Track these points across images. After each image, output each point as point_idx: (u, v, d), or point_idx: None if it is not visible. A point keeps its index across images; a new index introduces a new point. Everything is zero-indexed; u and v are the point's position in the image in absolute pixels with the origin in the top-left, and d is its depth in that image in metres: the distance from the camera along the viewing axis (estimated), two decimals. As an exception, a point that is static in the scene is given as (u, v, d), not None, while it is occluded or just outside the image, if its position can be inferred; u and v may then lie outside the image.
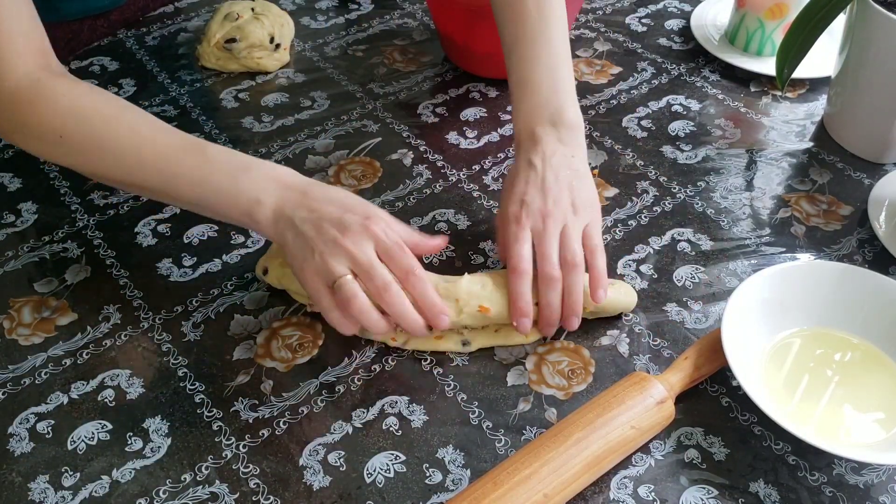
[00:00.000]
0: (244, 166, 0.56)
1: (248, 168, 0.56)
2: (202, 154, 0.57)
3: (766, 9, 0.85)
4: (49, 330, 0.61)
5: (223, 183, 0.56)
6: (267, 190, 0.55)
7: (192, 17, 0.97)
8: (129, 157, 0.57)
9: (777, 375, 0.56)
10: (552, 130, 0.62)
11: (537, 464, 0.48)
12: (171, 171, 0.57)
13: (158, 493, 0.51)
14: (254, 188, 0.56)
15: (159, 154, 0.57)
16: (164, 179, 0.57)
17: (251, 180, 0.56)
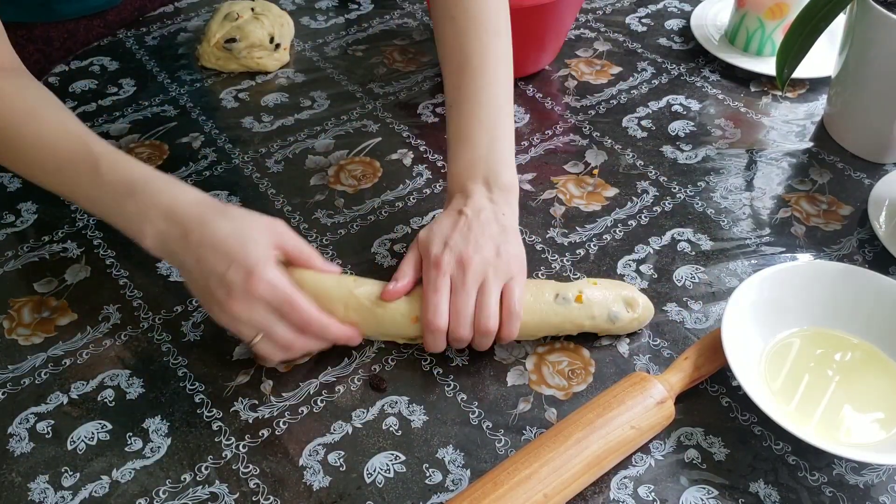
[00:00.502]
0: (129, 190, 0.54)
1: (133, 192, 0.54)
2: (95, 171, 0.55)
3: (766, 9, 0.85)
4: (49, 330, 0.61)
5: (111, 206, 0.55)
6: (150, 220, 0.53)
7: (191, 17, 0.97)
8: (33, 162, 0.57)
9: (777, 375, 0.56)
10: (484, 189, 0.60)
11: (537, 464, 0.48)
12: (67, 185, 0.56)
13: (158, 493, 0.51)
14: (137, 217, 0.54)
15: (58, 165, 0.56)
16: (64, 191, 0.58)
17: (135, 206, 0.54)
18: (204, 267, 0.52)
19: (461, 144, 0.62)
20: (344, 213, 0.71)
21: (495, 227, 0.58)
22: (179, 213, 0.53)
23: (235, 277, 0.51)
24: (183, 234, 0.53)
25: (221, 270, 0.51)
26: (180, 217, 0.53)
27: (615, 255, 0.66)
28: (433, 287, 0.56)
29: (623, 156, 0.76)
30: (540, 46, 0.83)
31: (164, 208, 0.53)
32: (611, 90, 0.85)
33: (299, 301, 0.53)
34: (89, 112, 0.82)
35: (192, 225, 0.53)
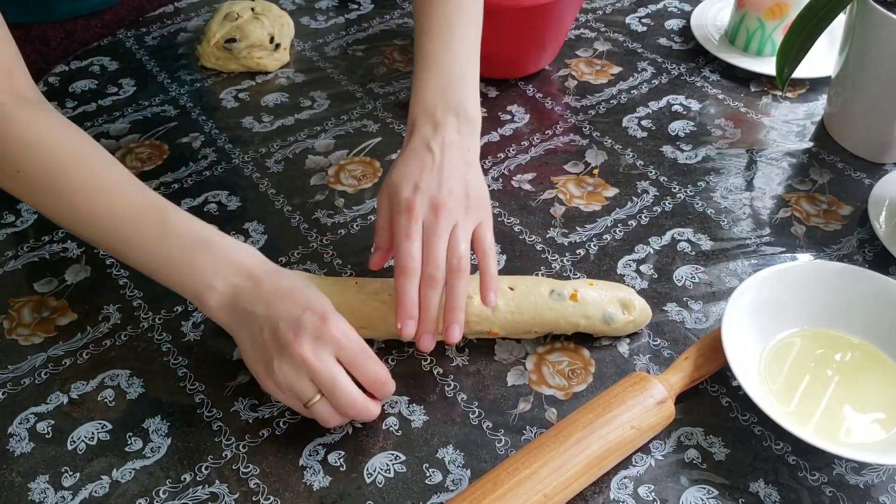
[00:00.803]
0: (204, 244, 0.52)
1: (208, 247, 0.52)
2: (163, 223, 0.52)
3: (766, 9, 0.85)
4: (49, 330, 0.61)
5: (178, 259, 0.52)
6: (222, 275, 0.52)
7: (191, 17, 0.97)
8: (83, 209, 0.52)
9: (777, 375, 0.56)
10: (454, 120, 0.59)
11: (537, 464, 0.48)
12: (125, 236, 0.53)
13: (158, 493, 0.51)
14: (209, 271, 0.52)
15: (116, 213, 0.52)
16: (116, 241, 0.53)
17: (208, 261, 0.52)
18: (275, 312, 0.50)
19: (432, 70, 0.61)
20: (344, 213, 0.71)
21: (462, 165, 0.58)
22: (252, 271, 0.52)
23: (311, 318, 0.49)
24: (256, 286, 0.51)
25: (297, 314, 0.50)
26: (255, 270, 0.52)
27: (615, 255, 0.66)
28: (405, 234, 0.54)
29: (623, 156, 0.76)
30: (540, 46, 0.83)
31: (240, 262, 0.52)
32: (611, 90, 0.85)
33: (371, 353, 0.51)
34: (89, 112, 0.82)
35: (263, 276, 0.52)
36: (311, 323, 0.49)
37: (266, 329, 0.50)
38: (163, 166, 0.76)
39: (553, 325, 0.58)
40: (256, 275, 0.52)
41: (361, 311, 0.57)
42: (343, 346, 0.50)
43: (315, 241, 0.68)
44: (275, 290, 0.51)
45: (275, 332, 0.50)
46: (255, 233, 0.69)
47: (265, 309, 0.50)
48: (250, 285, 0.52)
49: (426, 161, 0.57)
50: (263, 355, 0.50)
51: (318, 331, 0.49)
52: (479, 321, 0.57)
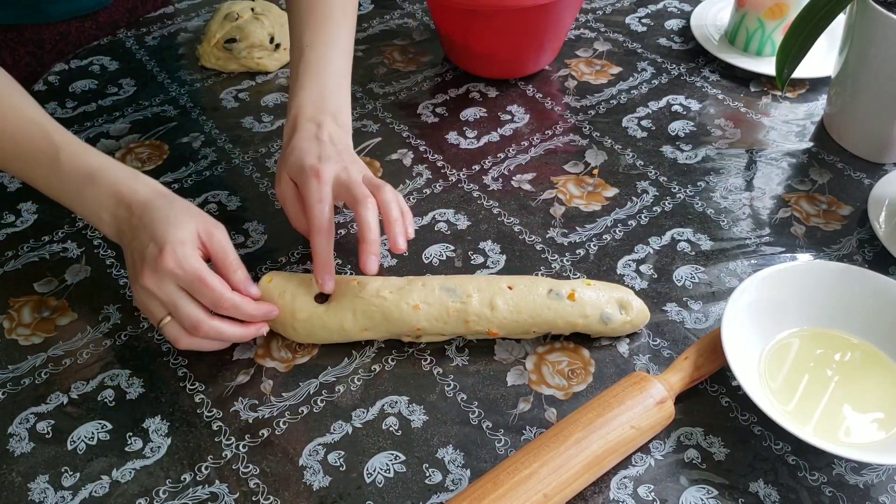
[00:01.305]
0: (89, 178, 0.57)
1: (93, 180, 0.56)
2: (55, 160, 0.57)
3: (766, 9, 0.85)
4: (49, 330, 0.61)
5: (71, 194, 0.57)
6: (106, 207, 0.56)
7: (192, 17, 0.97)
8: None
9: (777, 375, 0.56)
10: (333, 124, 0.63)
11: (537, 464, 0.48)
12: (28, 174, 0.59)
13: (158, 493, 0.51)
14: (95, 205, 0.57)
15: (18, 154, 0.58)
16: (23, 176, 0.60)
17: (93, 193, 0.56)
18: (134, 244, 0.55)
19: (312, 78, 0.65)
20: (344, 213, 0.71)
21: (353, 155, 0.63)
22: (132, 199, 0.56)
23: (151, 251, 0.54)
24: (129, 216, 0.56)
25: (144, 245, 0.54)
26: (131, 202, 0.56)
27: (615, 255, 0.66)
28: (317, 198, 0.58)
29: (623, 156, 0.77)
30: (540, 46, 0.83)
31: (119, 195, 0.56)
32: (611, 90, 0.85)
33: (209, 278, 0.54)
34: (89, 112, 0.82)
35: (138, 208, 0.56)
36: (151, 254, 0.54)
37: (129, 257, 0.56)
38: (163, 166, 0.76)
39: (551, 325, 0.58)
40: (131, 206, 0.56)
41: (364, 312, 0.57)
42: (177, 275, 0.53)
43: (315, 241, 0.68)
44: (140, 222, 0.55)
45: (132, 261, 0.56)
46: (255, 233, 0.69)
47: (130, 239, 0.56)
48: (127, 216, 0.56)
49: (322, 143, 0.61)
50: (130, 279, 0.57)
51: (155, 262, 0.53)
52: (479, 321, 0.57)
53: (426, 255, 0.67)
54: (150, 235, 0.54)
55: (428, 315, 0.57)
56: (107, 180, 0.57)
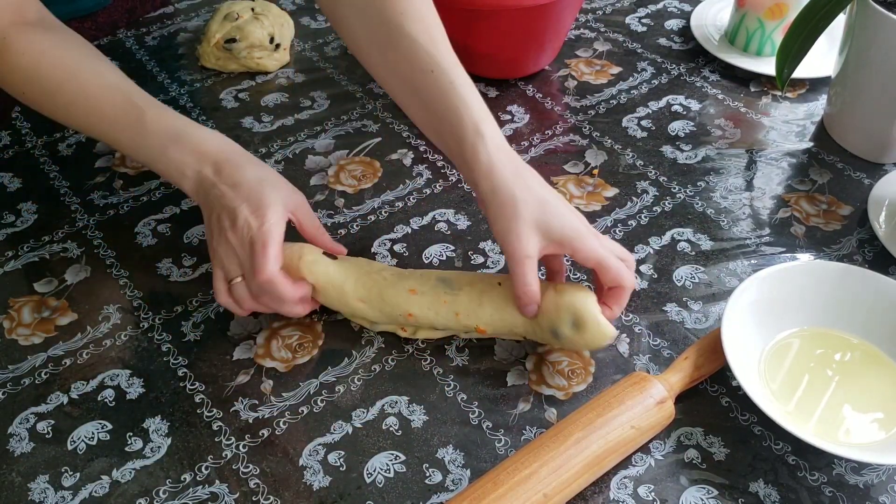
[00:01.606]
0: (175, 136, 0.59)
1: (178, 139, 0.59)
2: (139, 121, 0.59)
3: (766, 9, 0.85)
4: (49, 330, 0.61)
5: (155, 153, 0.59)
6: (190, 164, 0.58)
7: (192, 17, 0.97)
8: (80, 117, 0.61)
9: (777, 375, 0.56)
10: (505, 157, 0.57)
11: (537, 464, 0.48)
12: (113, 135, 0.61)
13: (158, 493, 0.51)
14: (179, 162, 0.58)
15: (103, 117, 0.60)
16: (108, 139, 0.62)
17: (178, 152, 0.58)
18: (222, 201, 0.57)
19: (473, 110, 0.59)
20: (344, 213, 0.71)
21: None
22: (218, 157, 0.58)
23: (244, 213, 0.55)
24: (216, 172, 0.58)
25: (235, 205, 0.56)
26: (218, 158, 0.58)
27: (615, 255, 0.66)
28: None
29: (623, 156, 0.77)
30: (540, 46, 0.83)
31: (205, 152, 0.58)
32: (611, 90, 0.85)
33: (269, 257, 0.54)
34: (89, 112, 0.82)
35: (225, 165, 0.58)
36: (244, 216, 0.55)
37: (215, 214, 0.57)
38: (163, 166, 0.76)
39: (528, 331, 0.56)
40: (219, 164, 0.58)
41: (364, 283, 0.58)
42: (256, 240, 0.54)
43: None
44: (229, 181, 0.57)
45: (219, 218, 0.56)
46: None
47: (218, 197, 0.57)
48: (212, 173, 0.58)
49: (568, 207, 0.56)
50: (212, 234, 0.58)
51: (246, 224, 0.55)
52: (468, 315, 0.56)
53: (426, 255, 0.67)
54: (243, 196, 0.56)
55: (420, 302, 0.57)
56: (192, 139, 0.59)
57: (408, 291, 0.57)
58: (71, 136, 0.80)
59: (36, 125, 0.81)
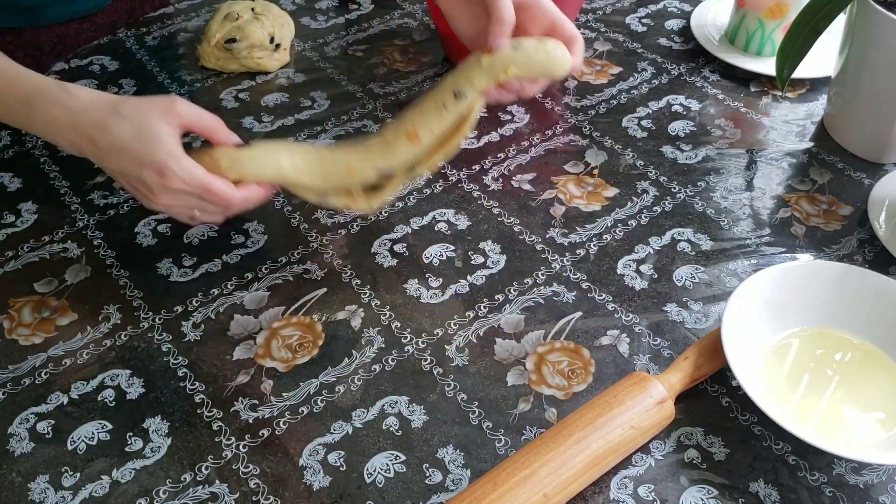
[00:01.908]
0: (28, 105, 0.57)
1: (32, 107, 0.57)
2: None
3: (766, 9, 0.85)
4: (49, 330, 0.61)
5: (22, 120, 0.58)
6: (56, 133, 0.57)
7: (192, 17, 0.97)
8: None
9: (777, 375, 0.56)
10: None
11: (537, 464, 0.48)
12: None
13: (158, 493, 0.51)
14: (46, 130, 0.58)
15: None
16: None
17: (40, 119, 0.57)
18: (120, 169, 0.57)
19: None
20: (344, 213, 0.71)
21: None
22: (79, 124, 0.56)
23: (151, 178, 0.55)
24: (90, 142, 0.56)
25: (136, 173, 0.55)
26: (81, 127, 0.56)
27: (615, 255, 0.66)
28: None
29: (623, 156, 0.77)
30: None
31: (64, 121, 0.56)
32: (611, 90, 0.85)
33: (215, 186, 0.57)
34: (89, 112, 0.82)
35: (94, 132, 0.56)
36: (153, 180, 0.55)
37: (122, 180, 0.58)
38: (163, 166, 0.76)
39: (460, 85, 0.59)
40: (87, 132, 0.56)
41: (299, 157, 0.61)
42: (187, 190, 0.56)
43: (315, 241, 0.68)
44: (110, 147, 0.56)
45: (133, 185, 0.57)
46: (255, 233, 0.69)
47: (109, 165, 0.57)
48: (85, 142, 0.57)
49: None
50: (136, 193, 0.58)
51: (161, 186, 0.56)
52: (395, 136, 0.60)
53: (426, 255, 0.67)
54: (136, 161, 0.55)
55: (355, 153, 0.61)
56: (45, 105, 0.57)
57: (342, 152, 0.61)
58: (71, 136, 0.80)
59: (36, 125, 0.81)
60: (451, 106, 0.59)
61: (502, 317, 0.62)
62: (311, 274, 0.65)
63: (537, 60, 0.57)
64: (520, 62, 0.57)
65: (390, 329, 0.61)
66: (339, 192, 0.62)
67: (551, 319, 0.61)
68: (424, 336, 0.60)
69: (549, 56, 0.58)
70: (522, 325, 0.61)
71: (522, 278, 0.64)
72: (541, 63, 0.58)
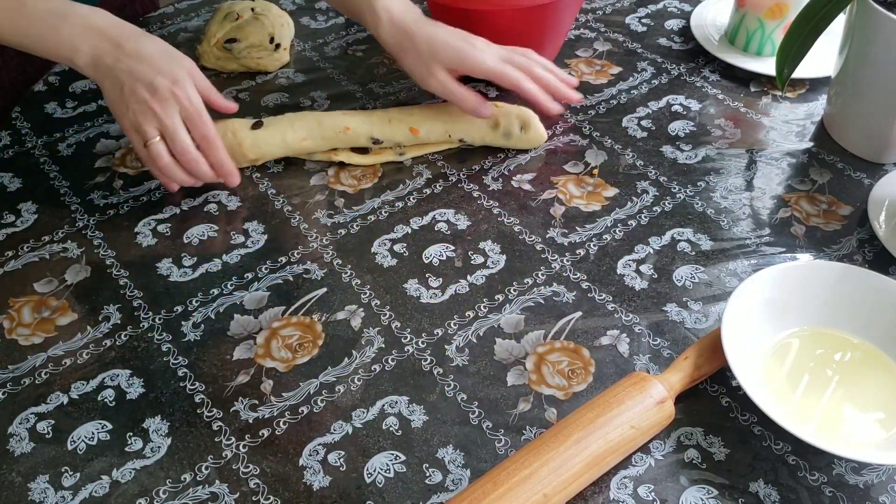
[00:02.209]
0: (60, 14, 0.62)
1: (65, 16, 0.62)
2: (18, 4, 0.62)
3: (766, 9, 0.85)
4: (49, 330, 0.61)
5: (43, 31, 0.62)
6: (84, 38, 0.62)
7: (192, 17, 0.97)
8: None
9: (777, 375, 0.56)
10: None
11: (537, 464, 0.48)
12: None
13: (158, 493, 0.51)
14: (70, 37, 0.62)
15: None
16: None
17: (69, 28, 0.62)
18: (134, 74, 0.62)
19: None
20: (344, 213, 0.71)
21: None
22: (111, 31, 0.63)
23: (161, 83, 0.62)
24: (116, 47, 0.62)
25: (149, 77, 0.62)
26: (113, 34, 0.63)
27: (615, 255, 0.66)
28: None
29: (623, 156, 0.77)
30: (539, 47, 0.83)
31: (97, 28, 0.63)
32: (611, 90, 0.85)
33: (207, 117, 0.65)
34: (89, 112, 0.82)
35: (123, 40, 0.63)
36: (163, 85, 0.63)
37: (127, 86, 0.63)
38: (163, 166, 0.76)
39: (465, 132, 0.74)
40: (115, 38, 0.63)
41: (301, 125, 0.72)
42: (184, 106, 0.64)
43: (315, 241, 0.68)
44: (135, 54, 0.63)
45: (133, 90, 0.62)
46: (255, 233, 0.69)
47: (127, 70, 0.62)
48: (110, 47, 0.63)
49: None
50: (120, 103, 0.64)
51: (168, 91, 0.63)
52: (400, 118, 0.73)
53: (426, 255, 0.67)
54: (156, 68, 0.62)
55: (356, 117, 0.72)
56: (78, 16, 0.63)
57: (342, 114, 0.73)
58: (71, 136, 0.80)
59: (36, 125, 0.81)
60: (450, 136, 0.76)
61: (502, 317, 0.62)
62: (311, 274, 0.65)
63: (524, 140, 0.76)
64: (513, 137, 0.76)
65: (390, 329, 0.61)
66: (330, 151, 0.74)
67: (551, 319, 0.61)
68: (424, 336, 0.60)
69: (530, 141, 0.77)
70: (522, 325, 0.61)
71: (522, 278, 0.64)
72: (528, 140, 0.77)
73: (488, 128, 0.74)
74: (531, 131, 0.75)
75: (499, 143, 0.75)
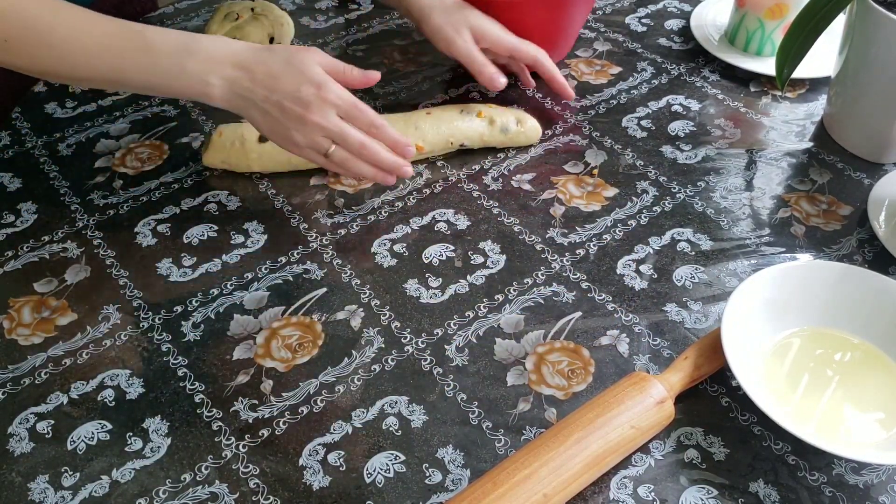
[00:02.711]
0: (186, 49, 0.61)
1: (191, 51, 0.61)
2: (143, 40, 0.60)
3: (766, 9, 0.85)
4: (49, 330, 0.61)
5: (170, 68, 0.60)
6: (213, 72, 0.61)
7: (192, 17, 0.97)
8: (75, 52, 0.59)
9: (777, 375, 0.56)
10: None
11: (537, 464, 0.48)
12: (118, 64, 0.60)
13: (158, 493, 0.51)
14: (200, 71, 0.61)
15: (101, 45, 0.59)
16: (113, 72, 0.61)
17: (197, 63, 0.60)
18: (276, 94, 0.61)
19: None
20: (344, 213, 0.71)
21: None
22: (239, 58, 0.62)
23: (308, 92, 0.61)
24: (249, 74, 0.61)
25: (293, 90, 0.61)
26: (241, 60, 0.61)
27: (615, 255, 0.66)
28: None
29: (623, 156, 0.77)
30: (553, 42, 0.83)
31: (225, 58, 0.61)
32: (611, 90, 0.85)
33: (363, 105, 0.64)
34: (89, 112, 0.82)
35: (252, 65, 0.61)
36: (311, 93, 0.61)
37: (274, 108, 0.62)
38: (163, 166, 0.76)
39: (465, 136, 0.75)
40: (245, 64, 0.62)
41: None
42: (339, 105, 0.63)
43: (315, 241, 0.68)
44: (268, 74, 0.61)
45: (283, 109, 0.62)
46: (255, 233, 0.69)
47: (266, 92, 0.61)
48: (243, 74, 0.61)
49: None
50: (279, 128, 0.63)
51: (318, 98, 0.61)
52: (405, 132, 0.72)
53: (426, 255, 0.67)
54: (294, 80, 0.61)
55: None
56: (205, 48, 0.61)
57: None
58: (71, 135, 0.80)
59: (36, 125, 0.81)
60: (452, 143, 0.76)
61: (502, 317, 0.62)
62: (311, 274, 0.65)
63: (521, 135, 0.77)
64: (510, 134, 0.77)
65: (390, 329, 0.61)
66: None
67: (551, 319, 0.61)
68: (424, 336, 0.60)
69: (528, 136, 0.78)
70: (522, 325, 0.61)
71: (522, 278, 0.64)
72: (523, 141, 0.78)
73: (486, 126, 0.75)
74: (527, 125, 0.76)
75: (497, 140, 0.76)
